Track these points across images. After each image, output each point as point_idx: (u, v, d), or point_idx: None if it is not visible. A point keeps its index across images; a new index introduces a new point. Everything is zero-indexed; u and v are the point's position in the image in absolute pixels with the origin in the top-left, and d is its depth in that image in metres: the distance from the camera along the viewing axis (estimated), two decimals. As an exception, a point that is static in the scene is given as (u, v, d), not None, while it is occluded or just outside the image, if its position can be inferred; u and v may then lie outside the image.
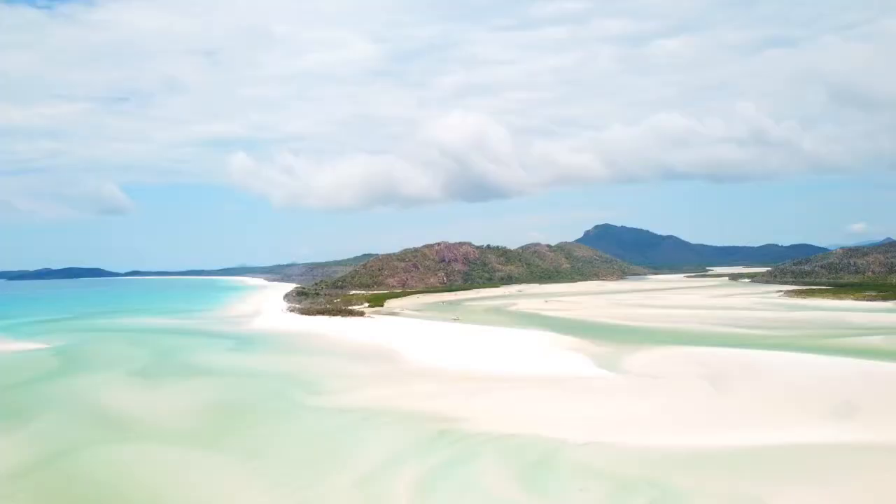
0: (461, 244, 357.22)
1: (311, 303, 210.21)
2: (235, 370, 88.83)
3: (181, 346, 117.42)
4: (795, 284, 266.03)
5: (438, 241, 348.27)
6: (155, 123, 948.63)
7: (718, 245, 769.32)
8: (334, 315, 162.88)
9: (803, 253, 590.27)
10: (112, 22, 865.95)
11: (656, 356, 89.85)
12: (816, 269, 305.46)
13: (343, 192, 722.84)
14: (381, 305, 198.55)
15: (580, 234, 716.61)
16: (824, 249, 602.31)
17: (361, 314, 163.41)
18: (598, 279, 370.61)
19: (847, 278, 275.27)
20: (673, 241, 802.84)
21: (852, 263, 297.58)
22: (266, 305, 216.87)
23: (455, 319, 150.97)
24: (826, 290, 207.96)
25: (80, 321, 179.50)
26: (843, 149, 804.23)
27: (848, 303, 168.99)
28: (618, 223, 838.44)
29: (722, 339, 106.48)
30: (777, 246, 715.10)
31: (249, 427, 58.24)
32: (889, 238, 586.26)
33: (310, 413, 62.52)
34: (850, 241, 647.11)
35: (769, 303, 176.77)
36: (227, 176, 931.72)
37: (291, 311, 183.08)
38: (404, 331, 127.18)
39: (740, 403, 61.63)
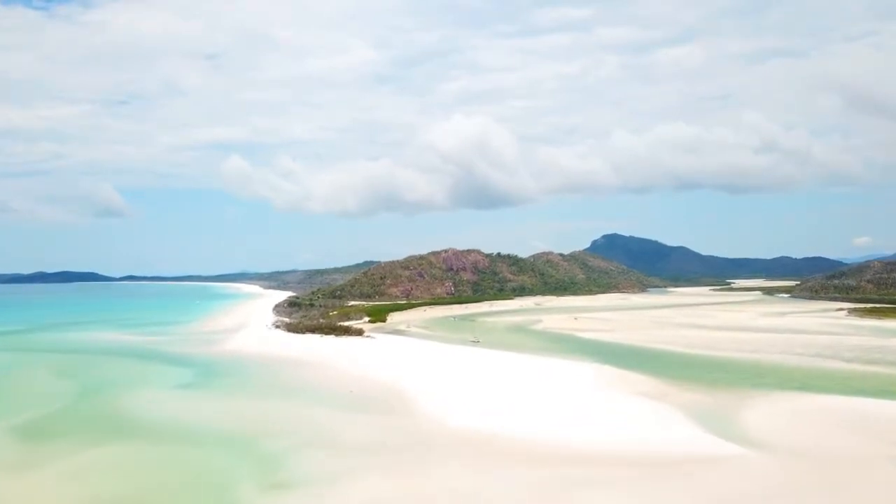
0: (470, 252, 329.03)
1: (304, 316, 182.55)
2: (172, 426, 60.96)
3: (123, 377, 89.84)
4: (845, 301, 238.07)
5: (445, 248, 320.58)
6: (155, 127, 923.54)
7: (730, 257, 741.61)
8: (328, 333, 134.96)
9: (817, 265, 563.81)
10: (109, 23, 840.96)
11: (783, 411, 62.21)
12: (863, 283, 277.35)
13: (346, 198, 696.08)
14: (384, 321, 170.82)
15: (588, 244, 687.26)
16: (839, 262, 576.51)
17: (360, 332, 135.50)
18: (619, 291, 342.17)
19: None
20: (683, 252, 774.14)
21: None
22: (252, 318, 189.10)
23: (475, 342, 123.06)
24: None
25: (27, 336, 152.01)
26: (851, 159, 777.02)
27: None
28: (626, 233, 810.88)
29: (847, 380, 78.83)
30: (790, 258, 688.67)
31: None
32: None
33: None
34: (856, 254, 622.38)
35: (844, 324, 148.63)
36: (227, 180, 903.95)
37: (278, 326, 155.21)
38: (414, 359, 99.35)
39: None
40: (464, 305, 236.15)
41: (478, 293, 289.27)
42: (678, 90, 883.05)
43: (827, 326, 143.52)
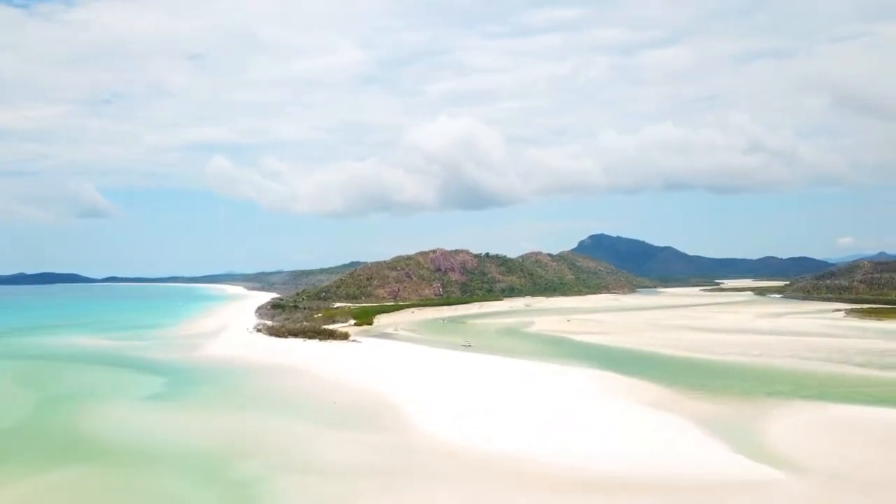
0: (458, 252, 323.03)
1: (287, 318, 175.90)
2: (136, 445, 54.70)
3: (89, 386, 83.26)
4: (839, 301, 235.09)
5: (433, 248, 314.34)
6: (141, 127, 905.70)
7: (716, 257, 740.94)
8: (311, 337, 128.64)
9: (803, 266, 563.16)
10: (92, 22, 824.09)
11: (809, 424, 57.09)
12: (855, 283, 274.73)
13: (333, 198, 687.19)
14: (370, 323, 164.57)
15: (575, 244, 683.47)
16: (824, 262, 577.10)
17: (345, 336, 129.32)
18: (609, 292, 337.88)
19: (894, 294, 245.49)
20: (670, 253, 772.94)
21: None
22: (234, 320, 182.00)
23: (466, 346, 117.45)
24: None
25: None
26: (837, 160, 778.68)
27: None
28: (613, 233, 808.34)
29: (866, 387, 73.99)
30: (776, 258, 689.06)
31: None
32: (883, 252, 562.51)
33: None
34: (840, 255, 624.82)
35: (846, 326, 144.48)
36: (213, 181, 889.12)
37: (259, 330, 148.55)
38: (402, 366, 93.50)
39: None
40: (452, 307, 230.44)
41: (466, 294, 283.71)
42: (667, 91, 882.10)
43: (829, 328, 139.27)
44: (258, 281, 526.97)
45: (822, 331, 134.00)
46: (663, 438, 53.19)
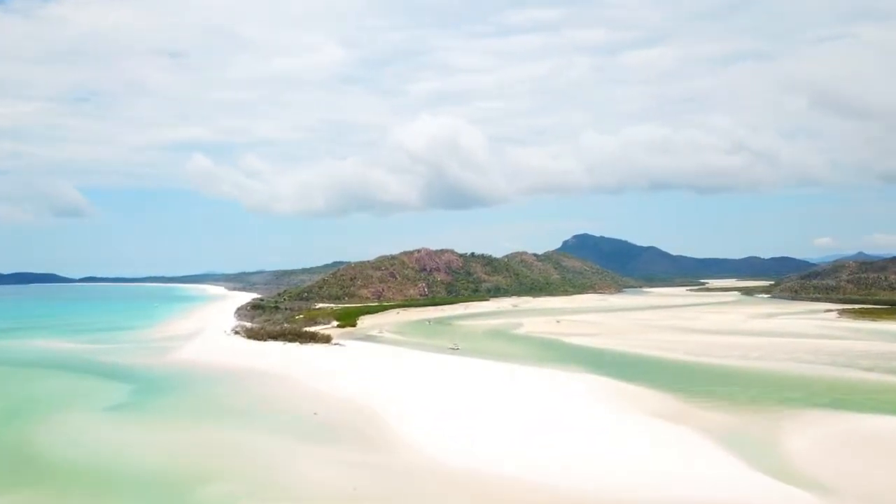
0: (443, 251, 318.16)
1: (267, 320, 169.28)
2: (90, 465, 48.91)
3: (47, 395, 76.86)
4: (828, 301, 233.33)
5: (417, 248, 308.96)
6: (120, 125, 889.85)
7: (699, 257, 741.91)
8: (291, 340, 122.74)
9: (784, 265, 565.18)
10: (69, 19, 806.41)
11: (831, 437, 52.78)
12: (842, 283, 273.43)
13: (316, 198, 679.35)
14: (354, 325, 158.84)
15: (559, 244, 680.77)
16: (805, 262, 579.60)
17: (327, 339, 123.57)
18: (595, 292, 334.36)
19: (882, 295, 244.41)
20: (653, 253, 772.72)
21: (884, 278, 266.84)
22: (212, 322, 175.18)
23: (454, 349, 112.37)
24: (890, 311, 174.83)
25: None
26: (817, 161, 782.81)
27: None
28: (596, 233, 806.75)
29: (881, 394, 70.00)
30: (759, 258, 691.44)
31: None
32: (861, 252, 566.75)
33: None
34: (819, 255, 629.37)
35: (842, 327, 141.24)
36: (194, 180, 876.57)
37: (238, 332, 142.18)
38: (389, 371, 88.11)
39: None
40: (438, 307, 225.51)
41: (452, 294, 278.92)
42: (649, 92, 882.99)
43: (825, 330, 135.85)
44: (239, 281, 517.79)
45: (818, 332, 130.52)
46: (672, 454, 48.43)
